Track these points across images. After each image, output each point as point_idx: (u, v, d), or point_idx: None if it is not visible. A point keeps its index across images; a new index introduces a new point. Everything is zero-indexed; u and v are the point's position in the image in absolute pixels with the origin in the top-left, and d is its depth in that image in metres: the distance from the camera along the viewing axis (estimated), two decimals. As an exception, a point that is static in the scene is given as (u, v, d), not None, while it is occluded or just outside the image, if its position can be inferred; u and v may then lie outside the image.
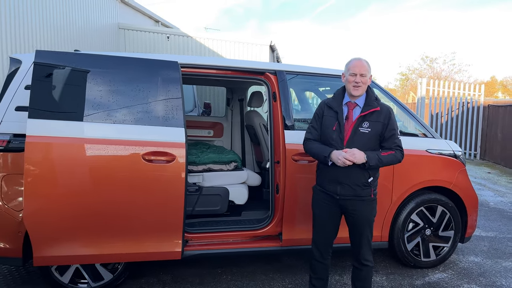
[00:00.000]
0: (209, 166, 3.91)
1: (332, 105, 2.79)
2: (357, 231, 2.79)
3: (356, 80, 2.67)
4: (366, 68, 2.70)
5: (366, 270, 2.85)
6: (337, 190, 2.72)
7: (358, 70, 2.67)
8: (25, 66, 3.04)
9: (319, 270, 2.95)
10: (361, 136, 2.68)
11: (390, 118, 2.72)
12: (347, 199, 2.72)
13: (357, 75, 2.67)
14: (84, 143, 2.78)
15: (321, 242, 2.89)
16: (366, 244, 2.81)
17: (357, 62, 2.71)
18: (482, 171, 10.24)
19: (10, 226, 2.92)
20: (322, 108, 2.86)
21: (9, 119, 2.93)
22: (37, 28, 9.14)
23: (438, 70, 26.26)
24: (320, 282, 2.98)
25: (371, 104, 2.72)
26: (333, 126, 2.73)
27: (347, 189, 2.70)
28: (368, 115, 2.70)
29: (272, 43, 12.98)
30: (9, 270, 3.58)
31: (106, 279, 3.17)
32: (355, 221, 2.77)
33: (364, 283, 2.89)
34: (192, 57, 3.54)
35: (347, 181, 2.69)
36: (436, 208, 3.85)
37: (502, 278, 3.75)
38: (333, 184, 2.74)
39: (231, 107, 5.46)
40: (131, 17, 14.84)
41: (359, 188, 2.70)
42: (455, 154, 3.93)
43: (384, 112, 2.72)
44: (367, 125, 2.69)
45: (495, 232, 5.16)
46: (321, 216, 2.85)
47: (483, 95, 12.43)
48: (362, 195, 2.71)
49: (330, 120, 2.76)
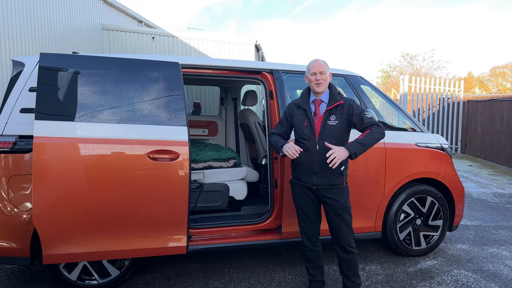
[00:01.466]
0: (209, 163, 4.02)
1: (300, 104, 3.06)
2: (337, 218, 2.97)
3: (317, 78, 2.95)
4: (324, 66, 2.99)
5: (353, 258, 3.02)
6: (313, 181, 2.95)
7: (317, 69, 2.96)
8: (28, 69, 3.09)
9: (314, 259, 3.14)
10: (330, 128, 2.94)
11: (353, 106, 2.97)
12: (323, 188, 2.95)
13: (317, 74, 2.95)
14: (91, 143, 2.84)
15: (309, 230, 3.09)
16: (348, 230, 3.00)
17: (315, 62, 3.01)
18: (463, 164, 10.61)
19: (18, 226, 2.97)
20: (291, 108, 3.13)
21: (14, 121, 2.98)
22: (21, 30, 9.04)
23: (418, 67, 26.82)
24: (317, 270, 3.15)
25: (334, 98, 2.98)
26: (304, 123, 2.99)
27: (323, 179, 2.94)
28: (333, 109, 2.97)
29: (257, 43, 13.10)
30: (12, 270, 3.61)
31: (113, 275, 3.25)
32: (333, 209, 2.97)
33: (353, 270, 3.04)
34: (192, 58, 3.64)
35: (322, 172, 2.92)
36: (426, 199, 4.04)
37: (489, 263, 3.97)
38: (309, 176, 2.97)
39: (225, 106, 5.56)
40: (115, 17, 14.74)
41: (333, 177, 2.94)
42: (442, 147, 4.14)
43: (347, 104, 2.98)
44: (334, 118, 2.95)
45: (480, 221, 5.41)
46: (302, 207, 3.07)
47: (463, 91, 12.85)
48: (336, 183, 2.95)
49: (300, 118, 3.03)
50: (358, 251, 4.18)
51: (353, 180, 3.66)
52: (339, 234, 3.00)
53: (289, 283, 3.48)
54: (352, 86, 3.93)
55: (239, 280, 3.53)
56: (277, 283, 3.49)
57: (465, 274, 3.72)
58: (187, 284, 3.43)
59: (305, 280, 3.51)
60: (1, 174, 2.95)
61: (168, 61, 3.18)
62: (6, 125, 2.96)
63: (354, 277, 3.05)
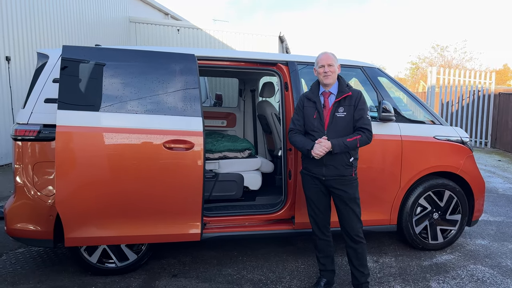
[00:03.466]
0: (225, 153, 4.10)
1: (310, 96, 3.09)
2: (346, 208, 3.02)
3: (325, 70, 2.99)
4: (332, 59, 3.03)
5: (361, 248, 3.06)
6: (322, 172, 2.99)
7: (325, 61, 3.01)
8: (52, 61, 3.24)
9: (324, 248, 3.19)
10: (338, 120, 2.98)
11: (360, 100, 3.00)
12: (332, 179, 2.99)
13: (325, 66, 2.99)
14: (110, 132, 2.96)
15: (319, 220, 3.14)
16: (357, 220, 3.03)
17: (323, 55, 3.06)
18: (492, 159, 10.28)
19: (42, 210, 3.14)
20: (302, 100, 3.16)
21: (39, 111, 3.14)
22: (52, 24, 9.40)
23: (449, 58, 26.03)
24: (327, 259, 3.21)
25: (343, 90, 3.02)
26: (314, 115, 3.03)
27: (332, 170, 2.98)
28: (341, 100, 3.00)
29: (281, 34, 13.05)
30: (38, 252, 3.83)
31: (131, 259, 3.39)
32: (342, 200, 3.00)
33: (362, 261, 3.08)
34: (208, 49, 3.70)
35: (331, 163, 2.97)
36: (444, 193, 3.98)
37: (507, 259, 3.89)
38: (319, 166, 3.01)
39: (243, 97, 5.62)
40: (141, 10, 15.03)
41: (342, 168, 2.98)
42: (462, 140, 4.05)
43: (355, 96, 3.01)
44: (342, 109, 2.99)
45: (503, 217, 5.27)
46: (312, 197, 3.12)
47: (494, 83, 12.39)
48: (345, 174, 3.00)
49: (310, 110, 3.07)
50: (374, 243, 4.19)
51: (368, 172, 3.67)
52: (348, 224, 3.04)
53: (301, 273, 3.53)
54: (369, 77, 3.90)
55: (252, 268, 3.60)
56: (289, 272, 3.55)
57: (482, 269, 3.66)
58: (201, 270, 3.54)
59: (317, 270, 3.54)
60: (26, 161, 3.13)
61: (184, 53, 3.26)
62: (32, 114, 3.13)
63: (363, 267, 3.07)
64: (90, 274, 3.35)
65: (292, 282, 3.37)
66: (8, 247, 3.93)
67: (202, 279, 3.38)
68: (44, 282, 3.27)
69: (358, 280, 3.09)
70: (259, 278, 3.42)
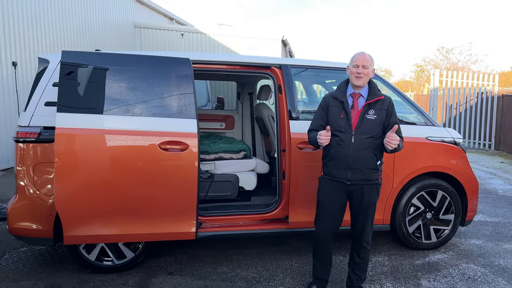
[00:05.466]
0: (220, 155, 4.20)
1: (337, 96, 2.98)
2: (363, 215, 2.94)
3: (358, 71, 2.86)
4: (368, 61, 2.90)
5: (364, 254, 3.03)
6: (348, 176, 2.85)
7: (360, 62, 2.88)
8: (52, 65, 3.37)
9: (324, 257, 3.08)
10: (368, 122, 2.86)
11: (393, 105, 2.96)
12: (358, 183, 2.86)
13: (359, 67, 2.86)
14: (107, 134, 3.08)
15: (328, 227, 2.99)
16: (370, 228, 2.99)
17: (360, 55, 2.93)
18: (495, 160, 10.26)
19: (43, 209, 3.26)
20: (327, 100, 3.02)
21: (40, 113, 3.26)
22: (58, 29, 9.59)
23: (454, 60, 25.97)
24: (324, 270, 3.13)
25: (375, 93, 2.93)
26: (340, 115, 2.90)
27: (358, 174, 2.84)
28: (373, 103, 2.90)
29: (284, 38, 13.16)
30: (39, 251, 3.94)
31: (128, 257, 3.48)
32: (362, 205, 2.91)
33: (362, 266, 3.07)
34: (202, 53, 3.84)
35: (358, 166, 2.83)
36: (437, 193, 4.03)
37: (500, 259, 3.93)
38: (343, 170, 2.86)
39: (241, 100, 5.72)
40: (146, 15, 15.24)
41: (369, 172, 2.86)
42: (455, 141, 4.11)
43: (387, 100, 2.94)
44: (372, 112, 2.88)
45: (500, 218, 5.30)
46: (328, 203, 2.95)
47: (497, 85, 12.37)
48: (372, 178, 2.88)
49: (336, 110, 2.94)
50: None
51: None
52: (361, 230, 2.98)
53: (295, 271, 3.61)
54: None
55: (247, 266, 3.69)
56: (283, 270, 3.63)
57: (473, 268, 3.71)
58: (197, 268, 3.63)
59: (310, 269, 3.61)
60: (28, 162, 3.24)
61: (180, 57, 3.37)
62: (32, 117, 3.25)
63: (361, 272, 3.08)
64: (88, 271, 3.46)
65: (285, 279, 3.45)
66: (11, 246, 4.06)
67: (197, 276, 3.47)
68: (44, 279, 3.38)
69: (353, 282, 3.10)
70: (253, 276, 3.50)
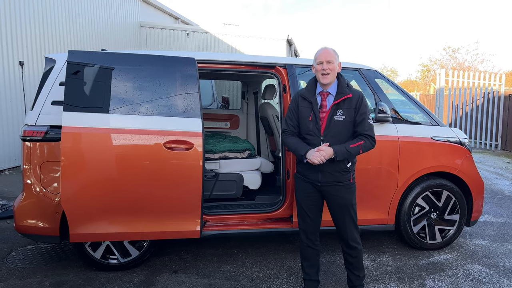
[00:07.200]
0: (225, 154, 4.22)
1: (306, 95, 2.88)
2: (341, 215, 2.90)
3: (323, 67, 2.75)
4: (332, 55, 2.79)
5: (356, 252, 2.97)
6: (318, 178, 2.84)
7: (324, 57, 2.77)
8: (59, 65, 3.40)
9: (310, 256, 3.04)
10: (336, 124, 2.78)
11: (362, 103, 2.81)
12: (329, 185, 2.84)
13: (323, 63, 2.76)
14: (113, 133, 3.10)
15: (307, 228, 2.99)
16: (352, 227, 2.92)
17: (323, 50, 2.81)
18: (501, 161, 10.19)
19: (49, 207, 3.29)
20: (296, 100, 2.93)
21: (46, 113, 3.29)
22: (65, 29, 9.66)
23: (460, 60, 25.82)
24: (312, 269, 3.08)
25: (343, 91, 2.80)
26: (309, 117, 2.83)
27: (328, 176, 2.82)
28: (341, 102, 2.79)
29: (289, 37, 13.15)
30: (46, 249, 3.98)
31: (133, 256, 3.51)
32: (338, 206, 2.89)
33: (357, 264, 3.02)
34: (207, 53, 3.84)
35: (327, 169, 2.79)
36: (442, 193, 4.02)
37: (505, 259, 3.91)
38: (314, 172, 2.84)
39: (246, 100, 5.73)
40: (152, 15, 15.29)
41: (339, 174, 2.82)
42: (461, 141, 4.09)
43: (356, 97, 2.80)
44: (341, 112, 2.79)
45: (506, 218, 5.27)
46: (303, 203, 2.97)
47: (504, 85, 12.29)
48: (342, 180, 2.84)
49: (305, 111, 2.86)
50: (373, 243, 4.25)
51: (365, 172, 3.74)
52: (343, 230, 2.95)
53: (299, 270, 3.61)
54: (367, 80, 3.97)
55: (251, 265, 3.70)
56: (287, 269, 3.63)
57: (478, 268, 3.69)
58: (201, 266, 3.65)
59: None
60: (34, 160, 3.28)
61: (185, 57, 3.39)
62: (39, 116, 3.29)
63: (358, 270, 3.05)
64: (94, 269, 3.49)
65: (288, 279, 3.46)
66: (17, 243, 4.10)
67: (201, 275, 3.49)
68: (50, 276, 3.41)
69: (353, 282, 3.08)
70: (257, 275, 3.51)
